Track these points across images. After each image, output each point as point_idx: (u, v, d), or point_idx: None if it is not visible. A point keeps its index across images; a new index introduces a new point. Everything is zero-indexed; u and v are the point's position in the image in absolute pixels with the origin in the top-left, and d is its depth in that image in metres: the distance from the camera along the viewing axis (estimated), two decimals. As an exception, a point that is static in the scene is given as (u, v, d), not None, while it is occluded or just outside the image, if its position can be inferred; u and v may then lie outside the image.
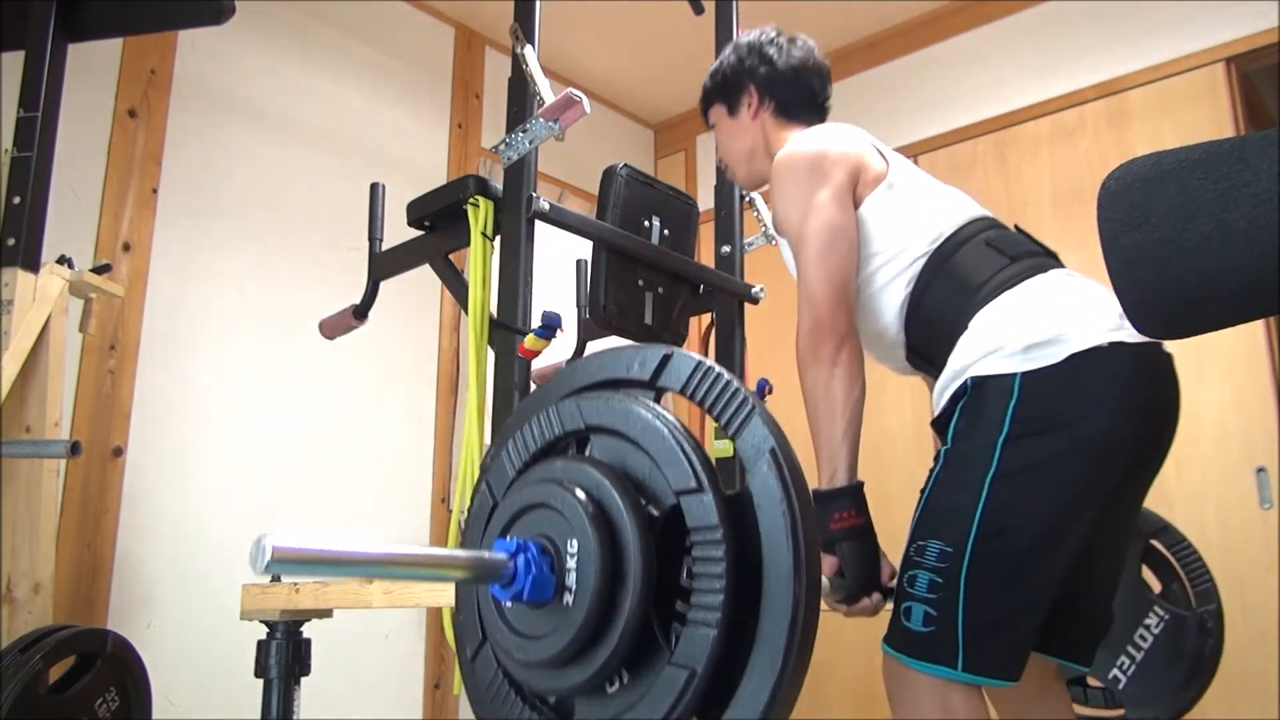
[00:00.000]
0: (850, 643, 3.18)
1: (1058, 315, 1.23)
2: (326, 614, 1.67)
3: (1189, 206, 0.71)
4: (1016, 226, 1.44)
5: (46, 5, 1.93)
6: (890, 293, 1.40)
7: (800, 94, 1.62)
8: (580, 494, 0.77)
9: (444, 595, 1.39)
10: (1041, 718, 1.43)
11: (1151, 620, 1.88)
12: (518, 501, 0.83)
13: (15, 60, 1.95)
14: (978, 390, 1.24)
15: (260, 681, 1.63)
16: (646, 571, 0.74)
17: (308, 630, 1.68)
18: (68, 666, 1.75)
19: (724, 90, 1.68)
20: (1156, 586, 1.94)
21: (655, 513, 0.78)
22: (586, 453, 0.85)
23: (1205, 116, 2.81)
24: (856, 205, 1.42)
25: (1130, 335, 1.21)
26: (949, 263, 1.36)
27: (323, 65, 3.09)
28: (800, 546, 0.71)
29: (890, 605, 1.28)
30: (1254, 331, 2.62)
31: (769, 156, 1.60)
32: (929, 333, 1.36)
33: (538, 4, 1.64)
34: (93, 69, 2.51)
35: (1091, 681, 1.89)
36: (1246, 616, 2.52)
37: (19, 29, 1.96)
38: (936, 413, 1.33)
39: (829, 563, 1.33)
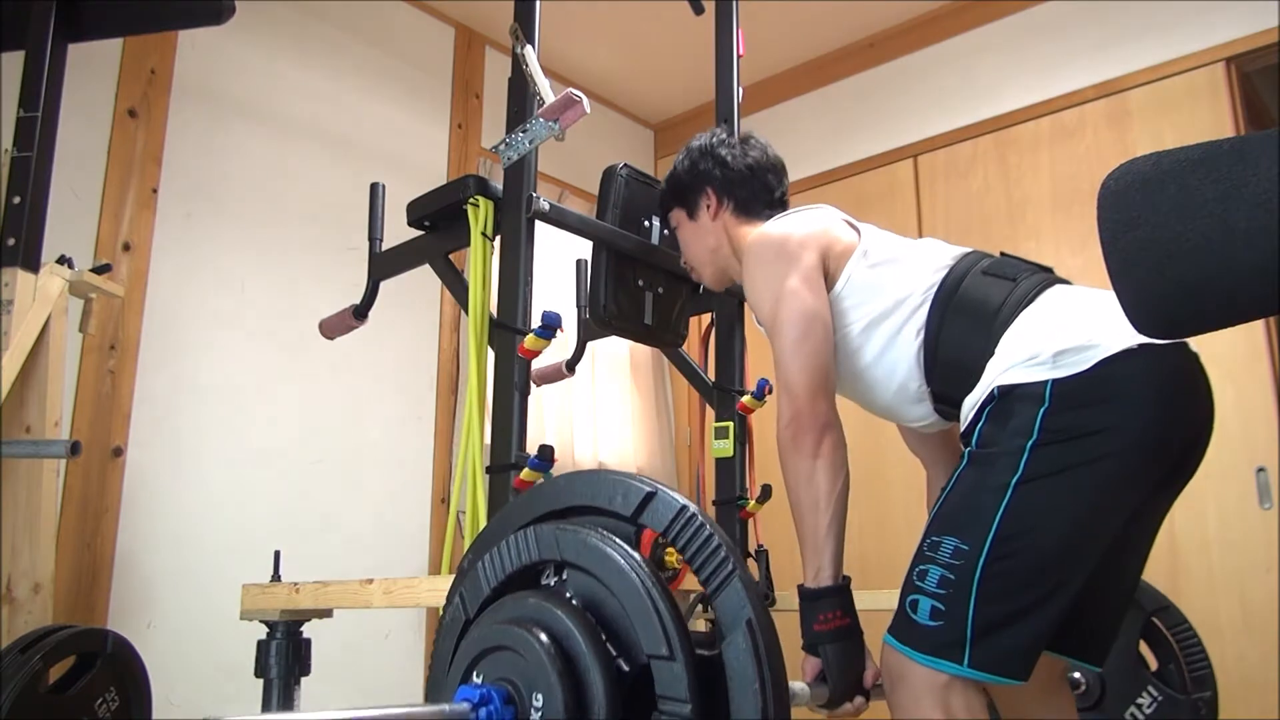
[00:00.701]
0: (850, 643, 3.18)
1: (1085, 322, 1.22)
2: (326, 614, 1.67)
3: (1189, 206, 0.71)
4: (1003, 252, 1.44)
5: (46, 5, 1.93)
6: (900, 346, 1.38)
7: (756, 192, 1.64)
8: (548, 642, 0.76)
9: (444, 595, 1.39)
10: (1049, 715, 1.42)
11: (1145, 700, 1.86)
12: (487, 640, 0.82)
13: (15, 60, 1.95)
14: (1005, 397, 1.22)
15: (260, 681, 1.63)
16: None
17: (308, 630, 1.68)
18: (68, 666, 1.75)
19: (681, 195, 1.70)
20: (1153, 664, 1.92)
21: (625, 667, 0.77)
22: (563, 577, 0.84)
23: (1205, 116, 2.81)
24: (832, 281, 1.42)
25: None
26: (955, 299, 1.34)
27: (323, 65, 3.09)
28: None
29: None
30: (1254, 331, 2.62)
31: (734, 254, 1.63)
32: (954, 372, 1.34)
33: (538, 4, 1.64)
34: (93, 69, 2.51)
35: None
36: (1246, 616, 2.52)
37: (19, 29, 1.96)
38: (963, 427, 1.31)
39: (811, 665, 1.30)
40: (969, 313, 1.33)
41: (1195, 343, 1.17)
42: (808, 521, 1.30)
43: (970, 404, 1.29)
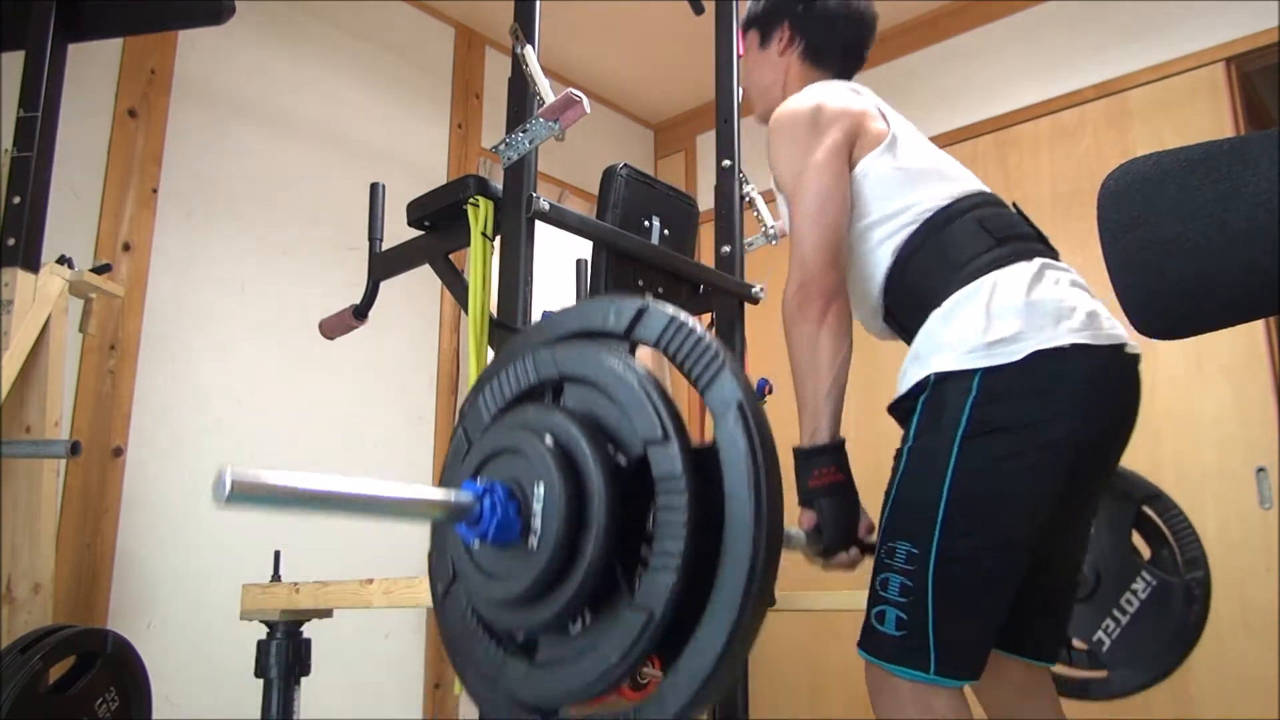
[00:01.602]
0: (849, 643, 3.18)
1: (1023, 312, 1.22)
2: (326, 614, 1.67)
3: (1189, 206, 0.71)
4: (1015, 205, 1.43)
5: (46, 5, 1.93)
6: (878, 256, 1.39)
7: (832, 40, 1.61)
8: (549, 440, 0.79)
9: (444, 595, 1.39)
10: (1029, 718, 1.42)
11: (1139, 585, 1.91)
12: (489, 446, 0.84)
13: (15, 60, 1.95)
14: (939, 385, 1.25)
15: (260, 681, 1.63)
16: (610, 517, 0.76)
17: (308, 630, 1.68)
18: (68, 666, 1.75)
19: (761, 19, 1.66)
20: (1147, 553, 1.97)
21: (623, 461, 0.79)
22: (560, 402, 0.86)
23: (1205, 116, 2.81)
24: (853, 165, 1.41)
25: (1094, 337, 1.21)
26: (939, 235, 1.35)
27: (323, 65, 3.09)
28: (762, 499, 0.72)
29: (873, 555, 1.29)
30: (1254, 331, 2.61)
31: (783, 97, 1.58)
32: (906, 301, 1.36)
33: (538, 4, 1.64)
34: (93, 69, 2.51)
35: (1076, 643, 1.93)
36: (1246, 616, 2.52)
37: (19, 29, 1.96)
38: (898, 394, 1.33)
39: (807, 518, 1.34)
40: (939, 254, 1.34)
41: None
42: (808, 385, 1.32)
43: (904, 370, 1.31)
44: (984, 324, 1.23)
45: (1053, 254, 1.37)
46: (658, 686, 0.76)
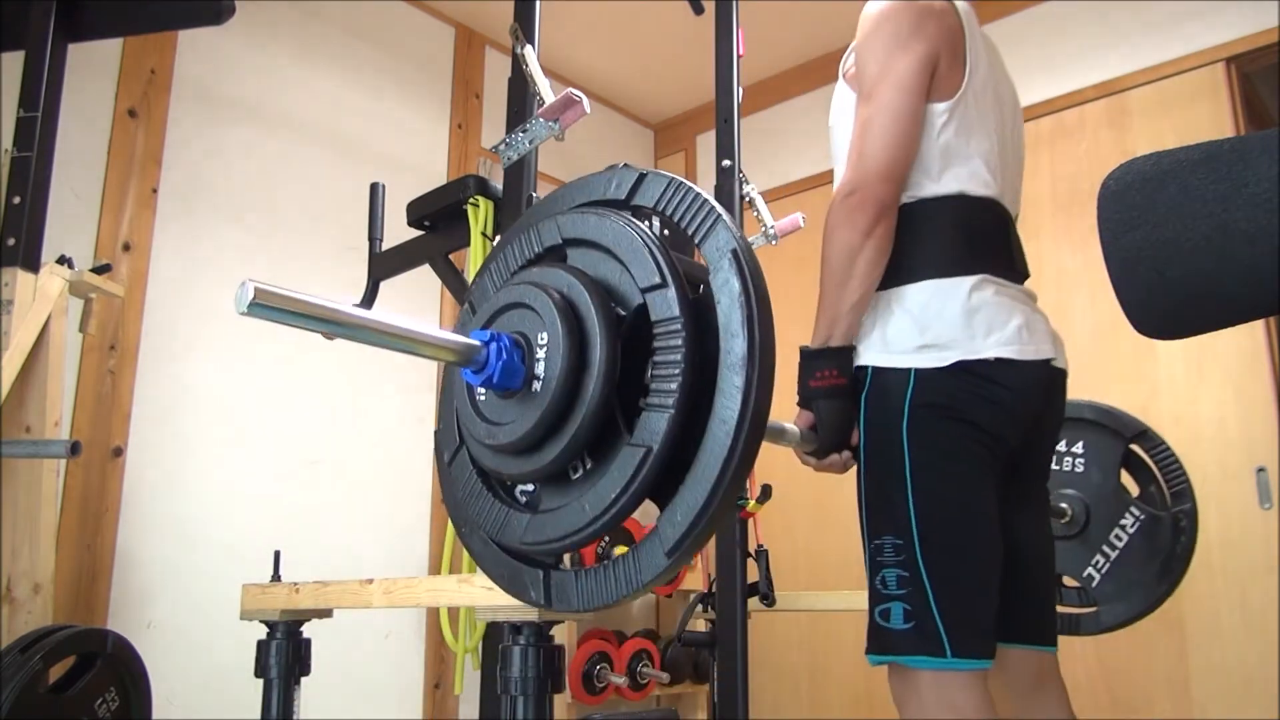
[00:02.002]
0: (850, 643, 3.18)
1: (954, 321, 1.27)
2: (326, 614, 1.67)
3: (1189, 206, 0.71)
4: (1013, 234, 1.43)
5: (46, 5, 1.93)
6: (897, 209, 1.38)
7: None
8: (552, 292, 0.82)
9: (444, 595, 1.39)
10: (1039, 715, 1.43)
11: (1127, 520, 1.96)
12: (496, 303, 0.87)
13: (15, 60, 1.95)
14: (878, 378, 1.29)
15: (260, 681, 1.63)
16: (610, 360, 0.78)
17: (308, 630, 1.68)
18: (68, 666, 1.75)
19: None
20: (1135, 490, 2.02)
21: (623, 313, 0.82)
22: (565, 261, 0.89)
23: (1205, 116, 2.81)
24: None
25: (1019, 352, 1.27)
26: (928, 219, 1.34)
27: (323, 65, 3.09)
28: (755, 335, 0.74)
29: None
30: (1254, 331, 2.61)
31: None
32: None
33: (538, 4, 1.64)
34: (93, 69, 2.52)
35: (1066, 581, 1.97)
36: (1246, 616, 2.52)
37: (19, 29, 1.96)
38: (856, 389, 1.34)
39: (804, 419, 1.35)
40: (914, 239, 1.33)
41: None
42: (834, 292, 1.31)
43: (859, 356, 1.33)
44: (918, 329, 1.28)
45: (1014, 276, 1.37)
46: (655, 523, 0.77)
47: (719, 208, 0.81)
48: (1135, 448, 2.01)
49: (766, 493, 1.96)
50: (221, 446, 2.64)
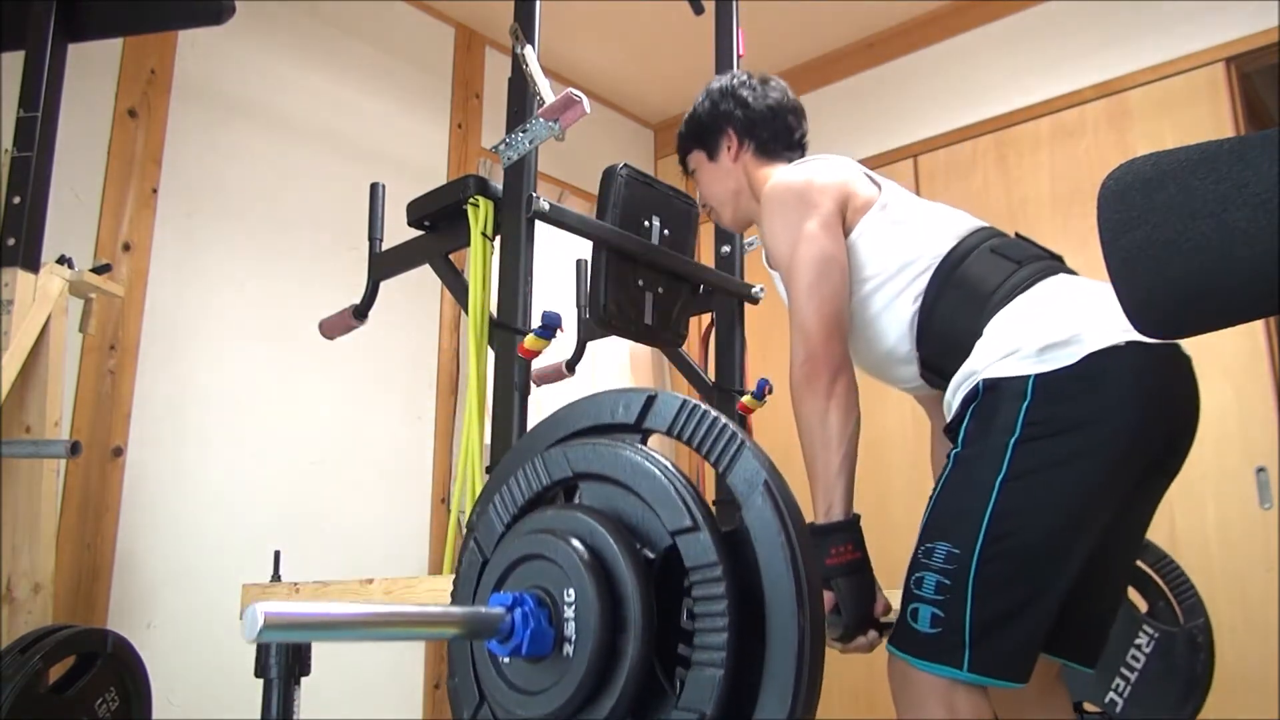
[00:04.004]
0: (850, 643, 3.18)
1: (1073, 316, 1.22)
2: (326, 614, 1.67)
3: (1189, 206, 0.71)
4: (1018, 233, 1.44)
5: (46, 5, 1.93)
6: (896, 310, 1.39)
7: (778, 132, 1.64)
8: (574, 542, 0.76)
9: (444, 595, 1.39)
10: (1045, 716, 1.43)
11: (1142, 640, 1.89)
12: (510, 554, 0.81)
13: (15, 60, 1.95)
14: (990, 393, 1.23)
15: (260, 681, 1.63)
16: (647, 615, 0.72)
17: (308, 630, 1.68)
18: (68, 666, 1.75)
19: (701, 136, 1.70)
20: (1143, 606, 1.95)
21: (651, 555, 0.76)
22: (576, 500, 0.83)
23: (1205, 116, 2.81)
24: (848, 232, 1.42)
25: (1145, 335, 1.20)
26: (956, 273, 1.35)
27: (323, 65, 3.09)
28: (802, 578, 0.70)
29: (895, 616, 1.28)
30: (1254, 331, 2.61)
31: (754, 196, 1.62)
32: (943, 345, 1.35)
33: (538, 4, 1.64)
34: (93, 69, 2.51)
35: (1089, 707, 1.88)
36: (1247, 616, 2.52)
37: (19, 29, 1.96)
38: (948, 418, 1.32)
39: (825, 599, 1.31)
40: (966, 289, 1.33)
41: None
42: (820, 460, 1.31)
43: (954, 390, 1.30)
44: (1032, 332, 1.22)
45: (1070, 270, 1.37)
46: None
47: (740, 432, 0.76)
48: (1138, 562, 1.94)
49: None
50: (221, 446, 2.64)
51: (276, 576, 1.74)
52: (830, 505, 1.30)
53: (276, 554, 1.74)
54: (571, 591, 0.75)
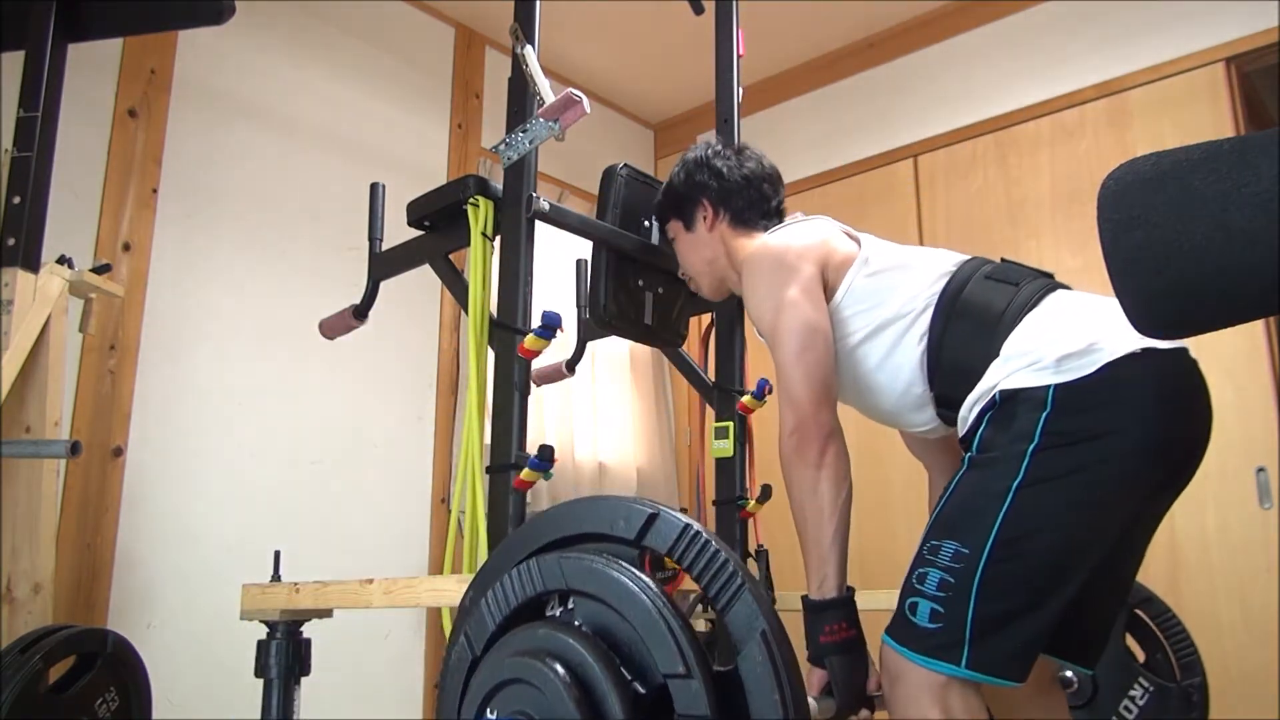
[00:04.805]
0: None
1: (1088, 326, 1.23)
2: (326, 614, 1.67)
3: (1189, 207, 0.71)
4: (1003, 259, 1.44)
5: (46, 5, 1.93)
6: (903, 351, 1.39)
7: (753, 201, 1.64)
8: (563, 672, 0.75)
9: (444, 595, 1.39)
10: (1044, 715, 1.43)
11: (1136, 692, 1.88)
12: (498, 674, 0.80)
13: (15, 60, 1.95)
14: (1008, 402, 1.23)
15: (260, 681, 1.63)
16: None
17: (308, 630, 1.68)
18: (68, 666, 1.75)
19: (678, 206, 1.70)
20: (1141, 656, 1.95)
21: (641, 690, 0.76)
22: (569, 606, 0.83)
23: (1205, 116, 2.81)
24: (831, 291, 1.43)
25: (1160, 342, 1.20)
26: (958, 304, 1.35)
27: (323, 65, 3.09)
28: None
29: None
30: (1254, 331, 2.61)
31: (731, 265, 1.63)
32: (957, 376, 1.34)
33: (538, 4, 1.64)
34: (93, 69, 2.51)
35: None
36: (1246, 616, 2.52)
37: (19, 29, 1.96)
38: (962, 432, 1.32)
39: (818, 677, 1.30)
40: (972, 317, 1.33)
41: (1195, 342, 1.18)
42: (812, 532, 1.31)
43: (971, 405, 1.30)
44: (1051, 343, 1.23)
45: (1064, 286, 1.38)
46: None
47: (742, 570, 0.75)
48: (1139, 613, 1.95)
49: (766, 493, 1.96)
50: (222, 446, 2.64)
51: (276, 576, 1.74)
52: (824, 579, 1.30)
53: (276, 554, 1.74)
54: None
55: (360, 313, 1.96)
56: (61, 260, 1.97)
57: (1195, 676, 1.88)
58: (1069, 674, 1.90)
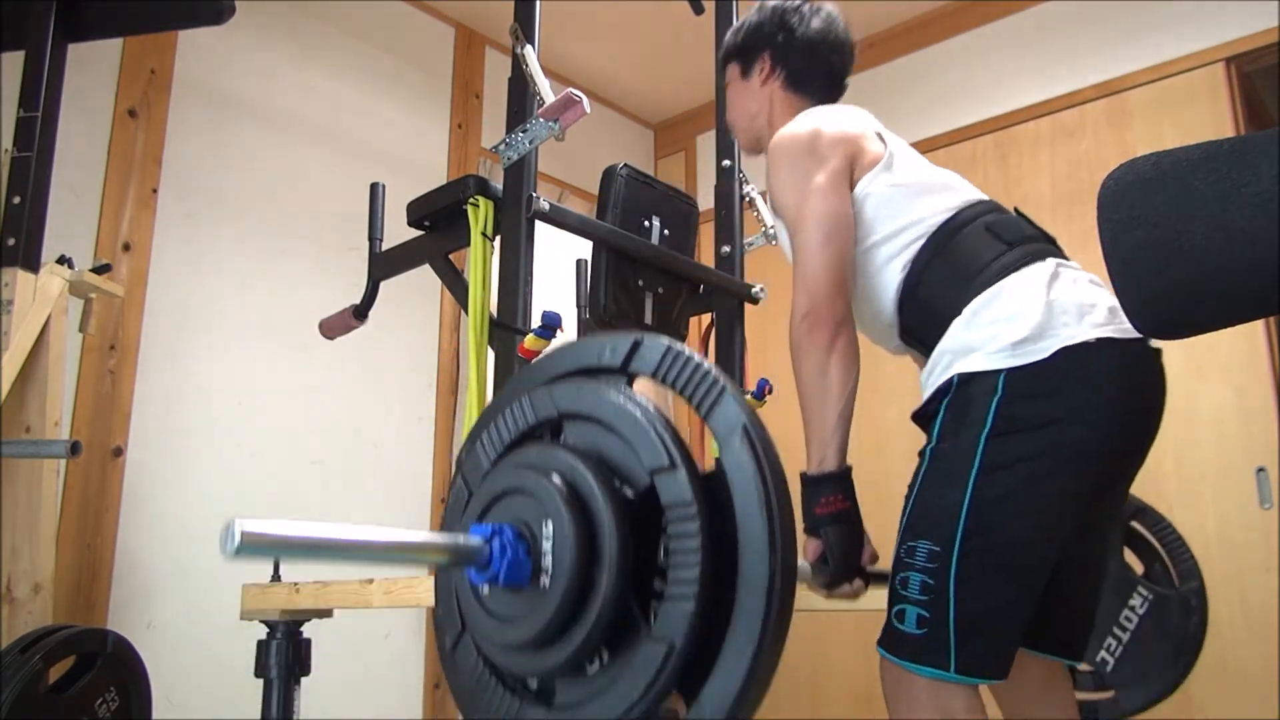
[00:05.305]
0: (850, 643, 3.18)
1: (1046, 310, 1.23)
2: (326, 614, 1.67)
3: (1189, 207, 0.71)
4: (1016, 209, 1.43)
5: (46, 5, 1.93)
6: (888, 274, 1.39)
7: (812, 68, 1.60)
8: (554, 477, 0.78)
9: (444, 595, 1.39)
10: (1045, 716, 1.42)
11: (1136, 601, 1.92)
12: (492, 488, 0.83)
13: (15, 60, 1.95)
14: (963, 387, 1.24)
15: (260, 681, 1.63)
16: (622, 549, 0.74)
17: (308, 630, 1.68)
18: (68, 666, 1.75)
19: (741, 51, 1.65)
20: (1139, 568, 1.98)
21: (630, 494, 0.79)
22: (561, 440, 0.85)
23: (1205, 116, 2.81)
24: (853, 187, 1.41)
25: (1118, 331, 1.21)
26: (948, 245, 1.35)
27: (323, 65, 3.09)
28: (775, 520, 0.71)
29: (885, 593, 1.28)
30: (1254, 331, 2.61)
31: (770, 126, 1.58)
32: (924, 315, 1.36)
33: (538, 4, 1.64)
34: (93, 69, 2.51)
35: (1080, 667, 1.91)
36: (1246, 616, 2.52)
37: (19, 29, 1.96)
38: (921, 404, 1.33)
39: (813, 546, 1.32)
40: (954, 263, 1.33)
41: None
42: (816, 413, 1.31)
43: (928, 375, 1.31)
44: (1007, 325, 1.23)
45: (1062, 254, 1.37)
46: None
47: (723, 378, 0.77)
48: (1137, 525, 1.98)
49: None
50: (222, 446, 2.64)
51: (276, 576, 1.74)
52: (824, 456, 1.30)
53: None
54: (550, 525, 0.77)
55: (360, 313, 1.96)
56: (61, 260, 1.97)
57: (1193, 582, 1.91)
58: None
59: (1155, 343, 1.28)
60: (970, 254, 1.33)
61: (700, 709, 0.71)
